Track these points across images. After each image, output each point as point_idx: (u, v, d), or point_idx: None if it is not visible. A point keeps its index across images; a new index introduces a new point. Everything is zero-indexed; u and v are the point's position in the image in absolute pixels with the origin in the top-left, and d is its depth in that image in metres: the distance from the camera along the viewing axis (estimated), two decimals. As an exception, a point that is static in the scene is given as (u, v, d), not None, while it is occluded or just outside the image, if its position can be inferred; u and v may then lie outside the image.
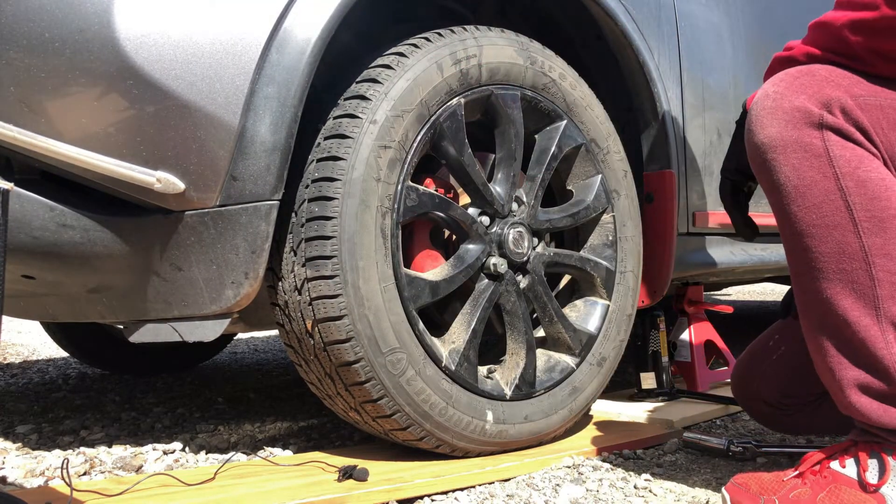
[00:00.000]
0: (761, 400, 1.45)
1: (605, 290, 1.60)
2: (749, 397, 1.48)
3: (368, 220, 1.25)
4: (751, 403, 1.48)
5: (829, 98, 1.03)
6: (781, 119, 1.04)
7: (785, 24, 2.20)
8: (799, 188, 1.03)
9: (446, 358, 1.35)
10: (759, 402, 1.45)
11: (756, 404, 1.47)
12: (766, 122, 1.05)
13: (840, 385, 1.06)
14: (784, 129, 1.03)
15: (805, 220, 1.03)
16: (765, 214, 2.07)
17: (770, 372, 1.43)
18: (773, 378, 1.43)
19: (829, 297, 1.04)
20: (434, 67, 1.34)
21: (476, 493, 1.28)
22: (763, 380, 1.43)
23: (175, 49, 1.13)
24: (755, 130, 1.06)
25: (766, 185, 1.07)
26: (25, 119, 1.11)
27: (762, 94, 1.07)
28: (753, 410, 1.49)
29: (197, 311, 1.22)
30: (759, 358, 1.46)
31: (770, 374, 1.43)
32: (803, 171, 1.03)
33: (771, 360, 1.43)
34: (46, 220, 1.16)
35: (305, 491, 1.20)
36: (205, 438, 1.68)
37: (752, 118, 1.07)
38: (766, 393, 1.44)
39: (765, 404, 1.45)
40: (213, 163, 1.16)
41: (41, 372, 2.78)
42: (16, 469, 1.45)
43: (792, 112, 1.03)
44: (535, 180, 1.51)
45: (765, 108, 1.06)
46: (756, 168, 1.08)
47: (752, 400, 1.47)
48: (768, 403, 1.44)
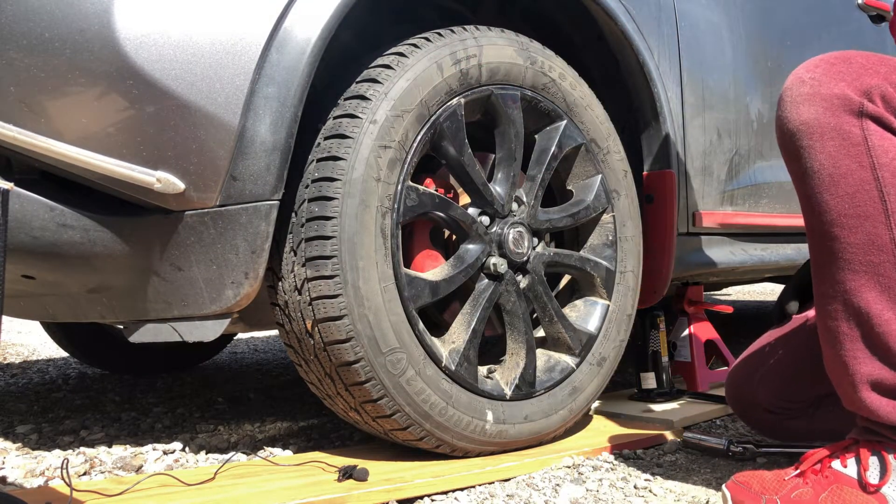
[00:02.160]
0: (759, 407, 1.43)
1: (605, 290, 1.60)
2: (746, 405, 1.46)
3: (368, 220, 1.25)
4: (748, 411, 1.46)
5: (870, 86, 1.01)
6: (820, 105, 1.01)
7: (785, 23, 2.20)
8: (833, 176, 1.01)
9: (446, 358, 1.35)
10: (757, 409, 1.44)
11: (754, 412, 1.45)
12: (802, 107, 1.02)
13: (852, 380, 1.04)
14: (822, 115, 1.01)
15: (836, 208, 1.01)
16: (765, 214, 2.08)
17: (767, 377, 1.41)
18: (771, 383, 1.41)
19: (852, 288, 1.02)
20: (434, 67, 1.34)
21: (476, 493, 1.28)
22: (760, 386, 1.42)
23: (175, 49, 1.13)
24: (789, 116, 1.03)
25: (798, 171, 1.05)
26: (25, 119, 1.11)
27: (797, 80, 1.05)
28: (751, 418, 1.47)
29: (197, 311, 1.22)
30: (754, 364, 1.44)
31: (768, 380, 1.41)
32: (839, 160, 1.01)
33: (768, 364, 1.41)
34: (46, 220, 1.16)
35: (305, 491, 1.20)
36: (205, 438, 1.68)
37: (785, 103, 1.04)
38: (764, 399, 1.42)
39: (763, 411, 1.43)
40: (213, 163, 1.16)
41: (41, 372, 2.78)
42: (16, 469, 1.45)
43: (831, 99, 1.01)
44: (535, 180, 1.51)
45: (801, 94, 1.03)
46: (788, 154, 1.05)
47: (750, 407, 1.45)
48: (767, 410, 1.42)
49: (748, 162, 2.02)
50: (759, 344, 1.47)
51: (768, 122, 2.10)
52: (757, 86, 2.06)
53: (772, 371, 1.41)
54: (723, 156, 1.94)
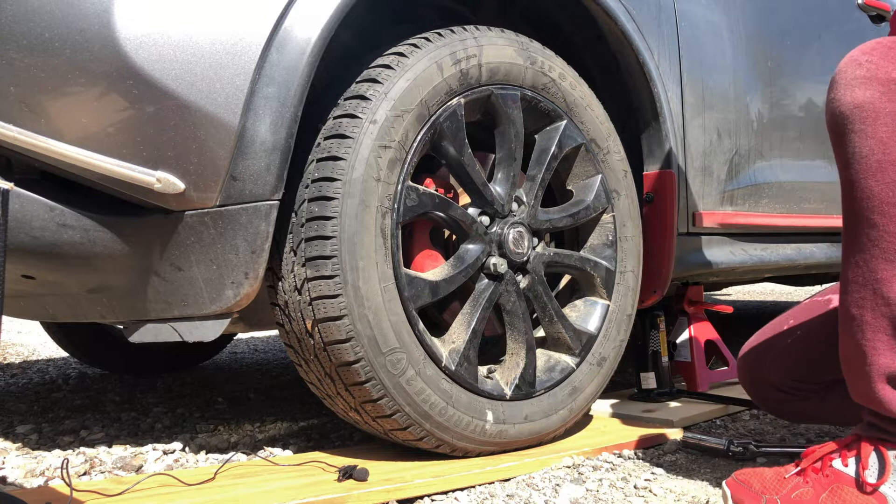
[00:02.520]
0: (771, 385, 1.41)
1: (605, 290, 1.60)
2: (758, 382, 1.44)
3: (368, 220, 1.25)
4: (759, 388, 1.44)
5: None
6: (876, 89, 1.00)
7: (785, 23, 2.20)
8: (882, 162, 1.00)
9: (446, 358, 1.35)
10: (768, 386, 1.41)
11: (765, 389, 1.43)
12: (857, 90, 1.01)
13: (868, 370, 1.03)
14: (878, 99, 0.99)
15: (880, 195, 1.00)
16: (765, 214, 2.08)
17: (781, 357, 1.39)
18: (786, 362, 1.39)
19: (883, 277, 1.01)
20: (434, 67, 1.34)
21: (476, 493, 1.28)
22: (775, 364, 1.40)
23: (175, 49, 1.13)
24: (842, 98, 1.02)
25: (844, 154, 1.03)
26: (25, 119, 1.11)
27: (852, 62, 1.03)
28: (761, 396, 1.45)
29: (197, 311, 1.22)
30: (771, 342, 1.42)
31: (781, 360, 1.39)
32: (890, 146, 0.99)
33: (785, 343, 1.39)
34: (46, 220, 1.16)
35: (305, 491, 1.20)
36: (205, 438, 1.68)
37: (839, 85, 1.02)
38: (776, 378, 1.40)
39: (774, 389, 1.41)
40: (213, 163, 1.16)
41: (41, 372, 2.78)
42: (16, 469, 1.45)
43: (888, 84, 1.00)
44: (535, 180, 1.51)
45: (856, 77, 1.01)
46: (836, 136, 1.04)
47: (761, 385, 1.43)
48: (778, 389, 1.40)
49: (748, 162, 2.03)
50: (776, 323, 1.45)
51: (768, 121, 2.10)
52: (757, 86, 2.06)
53: (787, 351, 1.39)
54: (723, 156, 1.94)
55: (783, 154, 2.15)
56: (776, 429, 1.70)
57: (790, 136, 2.17)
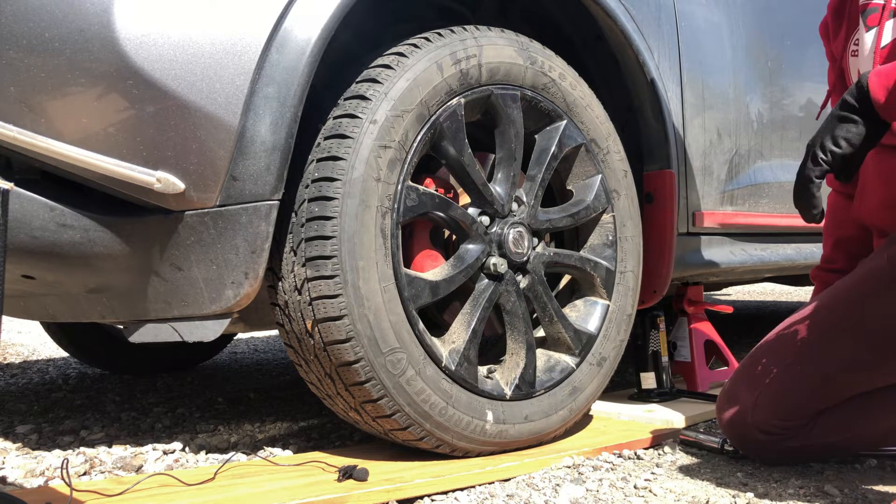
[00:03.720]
0: (755, 428, 1.38)
1: (605, 290, 1.60)
2: (741, 427, 1.40)
3: (368, 220, 1.25)
4: (744, 434, 1.41)
5: None
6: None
7: (785, 24, 2.20)
8: None
9: (446, 358, 1.35)
10: (753, 431, 1.38)
11: (749, 434, 1.39)
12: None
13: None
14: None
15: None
16: (765, 214, 2.08)
17: (763, 399, 1.37)
18: (769, 404, 1.36)
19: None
20: (434, 67, 1.34)
21: (476, 493, 1.28)
22: (757, 407, 1.37)
23: (175, 49, 1.13)
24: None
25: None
26: (25, 119, 1.11)
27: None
28: (747, 440, 1.41)
29: (197, 311, 1.22)
30: (748, 386, 1.40)
31: (764, 402, 1.37)
32: None
33: (763, 384, 1.37)
34: (46, 220, 1.16)
35: (305, 491, 1.20)
36: (205, 438, 1.68)
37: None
38: (761, 421, 1.37)
39: (759, 432, 1.38)
40: (213, 163, 1.16)
41: (41, 372, 2.78)
42: (16, 469, 1.45)
43: None
44: (535, 180, 1.51)
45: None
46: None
47: (745, 429, 1.40)
48: (763, 431, 1.37)
49: (748, 162, 2.03)
50: (748, 366, 1.43)
51: (768, 121, 2.10)
52: (757, 86, 2.06)
53: (768, 392, 1.37)
54: (723, 156, 1.94)
55: (783, 154, 2.15)
56: (776, 429, 1.70)
57: (790, 135, 2.17)
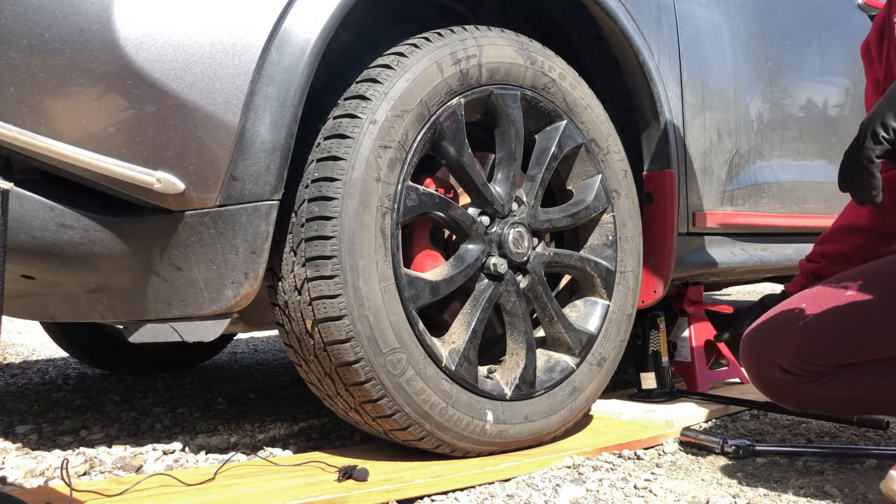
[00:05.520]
0: (776, 365, 1.40)
1: (605, 290, 1.60)
2: (762, 362, 1.43)
3: (368, 220, 1.25)
4: (762, 368, 1.43)
5: None
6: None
7: (785, 24, 2.20)
8: None
9: (446, 358, 1.35)
10: (772, 367, 1.41)
11: (769, 369, 1.42)
12: None
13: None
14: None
15: None
16: (765, 214, 2.08)
17: (796, 337, 1.39)
18: (797, 343, 1.39)
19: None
20: (434, 67, 1.34)
21: (476, 493, 1.28)
22: (786, 344, 1.39)
23: (175, 49, 1.13)
24: None
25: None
26: (25, 119, 1.11)
27: None
28: (762, 376, 1.44)
29: (197, 311, 1.22)
30: (784, 324, 1.41)
31: (795, 340, 1.39)
32: None
33: (797, 326, 1.39)
34: (46, 220, 1.16)
35: (305, 491, 1.20)
36: (205, 438, 1.68)
37: None
38: (785, 358, 1.39)
39: (779, 370, 1.40)
40: (213, 163, 1.16)
41: (41, 372, 2.77)
42: (16, 469, 1.45)
43: None
44: (535, 180, 1.51)
45: None
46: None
47: (765, 365, 1.42)
48: (783, 369, 1.40)
49: (748, 162, 2.02)
50: (787, 306, 1.45)
51: (768, 121, 2.10)
52: (757, 86, 2.06)
53: (800, 333, 1.39)
54: (723, 156, 1.94)
55: (783, 154, 2.15)
56: (776, 429, 1.70)
57: (790, 135, 2.17)
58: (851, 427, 1.67)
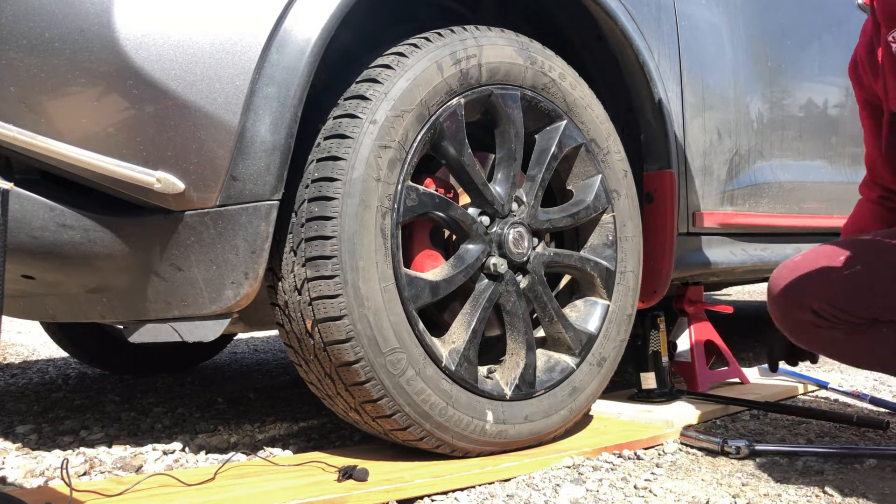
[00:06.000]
0: (807, 307, 1.38)
1: (605, 290, 1.60)
2: (793, 303, 1.40)
3: (368, 220, 1.25)
4: (792, 308, 1.41)
5: None
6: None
7: (785, 24, 2.20)
8: None
9: (446, 358, 1.35)
10: (803, 309, 1.39)
11: (798, 312, 1.40)
12: None
13: None
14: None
15: None
16: (765, 214, 2.08)
17: (835, 284, 1.36)
18: (836, 289, 1.36)
19: None
20: (434, 67, 1.34)
21: (476, 493, 1.28)
22: (822, 287, 1.37)
23: (175, 49, 1.13)
24: None
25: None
26: (25, 119, 1.11)
27: None
28: (790, 317, 1.42)
29: (197, 311, 1.22)
30: (826, 269, 1.38)
31: (833, 284, 1.36)
32: None
33: (842, 274, 1.36)
34: (46, 220, 1.16)
35: (305, 491, 1.20)
36: (205, 438, 1.68)
37: None
38: (816, 302, 1.37)
39: (810, 312, 1.38)
40: (213, 163, 1.16)
41: (41, 372, 2.77)
42: (16, 469, 1.45)
43: None
44: (535, 180, 1.51)
45: None
46: None
47: (796, 306, 1.40)
48: (815, 312, 1.38)
49: (748, 162, 2.03)
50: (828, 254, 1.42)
51: (768, 121, 2.10)
52: (757, 86, 2.06)
53: (836, 281, 1.37)
54: (723, 156, 1.94)
55: (783, 154, 2.15)
56: (776, 429, 1.70)
57: (790, 135, 2.17)
58: (851, 427, 1.67)
